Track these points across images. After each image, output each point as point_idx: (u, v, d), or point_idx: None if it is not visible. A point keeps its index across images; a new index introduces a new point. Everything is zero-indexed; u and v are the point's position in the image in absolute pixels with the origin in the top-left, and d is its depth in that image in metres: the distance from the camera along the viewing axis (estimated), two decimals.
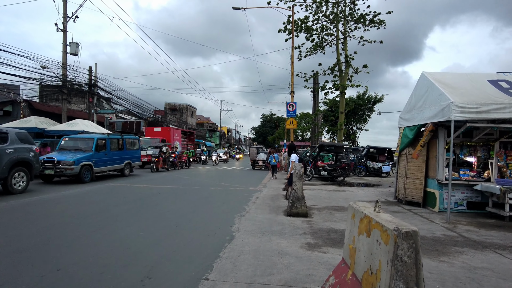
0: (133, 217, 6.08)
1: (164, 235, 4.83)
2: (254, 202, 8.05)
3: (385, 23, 19.71)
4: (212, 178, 14.89)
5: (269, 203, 7.95)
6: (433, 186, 7.40)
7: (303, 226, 5.55)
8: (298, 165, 6.36)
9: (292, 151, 8.38)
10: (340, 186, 12.72)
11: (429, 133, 6.79)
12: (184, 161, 22.99)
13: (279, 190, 10.86)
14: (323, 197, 9.22)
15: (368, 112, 38.21)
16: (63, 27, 21.48)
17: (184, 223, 5.62)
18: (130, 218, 5.97)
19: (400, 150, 8.64)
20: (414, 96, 8.12)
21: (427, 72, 7.64)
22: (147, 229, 5.15)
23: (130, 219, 5.89)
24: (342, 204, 8.09)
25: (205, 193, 9.68)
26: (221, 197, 8.95)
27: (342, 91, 19.71)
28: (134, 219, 5.85)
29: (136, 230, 5.08)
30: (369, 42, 19.93)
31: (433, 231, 5.42)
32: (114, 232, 4.94)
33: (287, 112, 16.95)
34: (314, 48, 21.16)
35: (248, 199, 8.67)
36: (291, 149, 8.58)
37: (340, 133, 19.82)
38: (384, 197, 9.52)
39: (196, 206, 7.46)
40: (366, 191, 11.18)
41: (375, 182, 14.94)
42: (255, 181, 14.17)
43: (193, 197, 8.81)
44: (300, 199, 6.28)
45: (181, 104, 57.52)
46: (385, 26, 19.82)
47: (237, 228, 5.29)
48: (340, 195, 9.88)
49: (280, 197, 9.10)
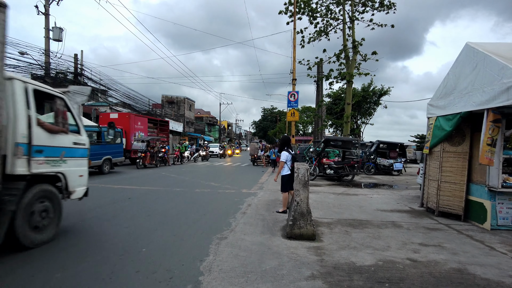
0: (56, 250, 4.28)
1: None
2: (244, 213, 6.24)
3: (396, 6, 17.72)
4: (202, 177, 13.09)
5: (263, 214, 6.14)
6: (480, 194, 5.58)
7: (310, 259, 3.75)
8: (302, 167, 4.53)
9: (284, 147, 6.29)
10: (349, 187, 10.90)
11: (492, 124, 4.88)
12: (176, 156, 21.21)
13: (277, 193, 9.05)
14: (332, 204, 7.41)
15: (374, 105, 36.23)
16: (44, 10, 19.59)
17: (132, 257, 3.83)
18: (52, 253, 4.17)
19: (432, 146, 6.79)
20: (452, 75, 6.24)
21: (474, 42, 5.75)
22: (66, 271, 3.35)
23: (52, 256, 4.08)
24: (358, 215, 6.28)
25: (186, 198, 7.88)
26: (204, 204, 7.15)
27: (349, 80, 17.76)
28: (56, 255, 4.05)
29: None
30: (379, 25, 17.93)
31: (506, 268, 3.61)
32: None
33: (288, 102, 15.07)
34: (318, 33, 19.17)
35: (237, 206, 6.87)
36: (284, 144, 6.32)
37: (346, 127, 17.94)
38: (406, 204, 7.70)
39: (165, 220, 5.66)
40: (382, 194, 9.36)
41: (387, 181, 13.12)
42: (251, 180, 12.37)
43: (168, 205, 7.01)
44: (304, 215, 4.47)
45: (179, 96, 55.55)
46: (395, 10, 17.82)
47: (209, 265, 3.48)
48: (352, 200, 8.06)
49: (278, 204, 7.30)
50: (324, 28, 18.95)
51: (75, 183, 4.74)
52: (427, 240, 4.64)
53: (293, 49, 15.80)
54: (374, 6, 17.63)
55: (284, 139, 6.36)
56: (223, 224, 5.32)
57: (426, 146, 7.05)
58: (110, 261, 3.54)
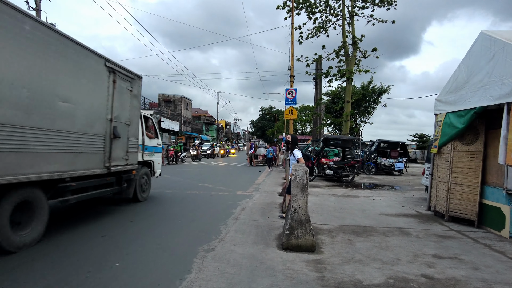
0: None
1: None
2: (236, 218, 5.69)
3: (396, 3, 17.19)
4: (196, 177, 12.53)
5: (258, 220, 5.60)
6: (496, 198, 5.05)
7: (309, 276, 3.21)
8: (300, 169, 3.98)
9: (295, 146, 5.66)
10: (350, 188, 10.37)
11: None
12: (171, 156, 20.62)
13: (273, 195, 8.51)
14: (332, 208, 6.88)
15: (373, 104, 35.71)
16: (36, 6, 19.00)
17: (101, 275, 3.27)
18: None
19: (441, 145, 6.26)
20: (464, 68, 5.71)
21: (490, 31, 5.21)
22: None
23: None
24: (362, 220, 5.74)
25: (176, 201, 7.33)
26: (194, 208, 6.60)
27: (349, 77, 17.20)
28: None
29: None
30: (379, 21, 17.40)
31: None
32: None
33: (285, 100, 14.47)
34: (317, 29, 18.61)
35: (230, 211, 6.32)
36: (293, 143, 5.78)
37: (346, 125, 17.35)
38: (412, 207, 7.18)
39: (149, 227, 5.11)
40: (385, 196, 8.84)
41: (389, 182, 12.61)
42: (247, 181, 11.82)
43: (156, 208, 6.46)
44: (302, 223, 3.92)
45: (176, 95, 54.93)
46: (396, 6, 17.30)
47: (189, 286, 2.93)
48: (353, 203, 7.53)
49: (274, 207, 6.76)
50: (323, 24, 18.39)
51: (157, 167, 8.14)
52: (441, 251, 4.11)
53: (291, 44, 15.16)
54: (375, 2, 17.10)
55: (294, 137, 5.78)
56: (212, 232, 4.77)
57: (435, 145, 6.52)
58: (72, 282, 2.98)
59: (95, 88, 5.05)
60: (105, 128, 5.31)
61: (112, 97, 5.50)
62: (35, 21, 3.79)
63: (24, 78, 3.58)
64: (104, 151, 5.33)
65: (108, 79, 5.40)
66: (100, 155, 5.22)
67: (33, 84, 3.72)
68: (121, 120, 5.85)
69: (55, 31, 4.14)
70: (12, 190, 3.59)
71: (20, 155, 3.56)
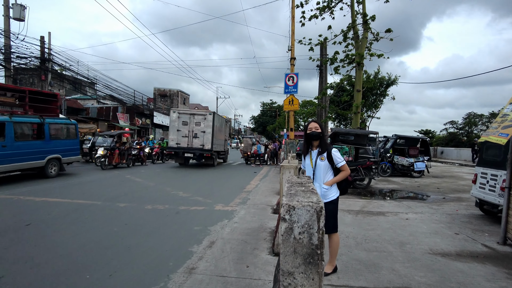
0: None
1: None
2: (191, 270, 3.28)
3: None
4: (173, 182, 10.13)
5: (227, 276, 3.20)
6: None
7: None
8: (302, 209, 1.55)
9: (330, 143, 3.23)
10: (368, 198, 7.95)
11: None
12: (155, 154, 18.24)
13: (265, 212, 6.11)
14: (353, 238, 4.46)
15: (381, 97, 33.07)
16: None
17: None
18: None
19: None
20: None
21: None
22: None
23: None
24: (409, 271, 3.31)
25: (120, 224, 4.89)
26: (139, 241, 4.19)
27: (359, 62, 14.60)
28: None
29: None
30: None
31: None
32: None
33: (285, 87, 12.06)
34: (321, 9, 16.05)
35: (189, 248, 3.92)
36: (329, 138, 3.39)
37: (356, 118, 14.85)
38: (471, 235, 4.75)
39: (36, 280, 2.73)
40: (419, 212, 6.38)
41: (412, 187, 10.17)
42: (235, 186, 9.43)
43: (80, 239, 4.06)
44: None
45: (172, 90, 52.58)
46: None
47: None
48: (381, 228, 5.10)
49: (263, 239, 4.35)
50: (329, 3, 15.83)
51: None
52: None
53: (292, 20, 12.72)
54: None
55: (323, 128, 3.33)
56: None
57: (500, 139, 4.08)
58: None
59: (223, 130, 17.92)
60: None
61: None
62: (223, 118, 18.58)
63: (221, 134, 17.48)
64: (224, 145, 18.55)
65: (226, 125, 18.57)
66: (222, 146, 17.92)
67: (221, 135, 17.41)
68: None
69: (224, 119, 19.10)
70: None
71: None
